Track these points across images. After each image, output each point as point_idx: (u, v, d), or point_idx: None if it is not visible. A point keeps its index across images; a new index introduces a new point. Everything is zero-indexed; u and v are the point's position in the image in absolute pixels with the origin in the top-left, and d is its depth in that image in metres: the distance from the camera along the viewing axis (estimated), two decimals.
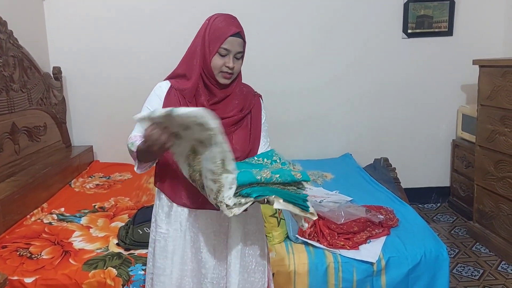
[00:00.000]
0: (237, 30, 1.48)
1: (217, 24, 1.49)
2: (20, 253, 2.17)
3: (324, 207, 2.51)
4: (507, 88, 2.83)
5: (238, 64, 1.53)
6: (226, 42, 1.47)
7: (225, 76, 1.51)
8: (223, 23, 1.49)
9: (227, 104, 1.57)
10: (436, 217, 3.69)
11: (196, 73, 1.52)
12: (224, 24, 1.49)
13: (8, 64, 2.81)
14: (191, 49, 1.56)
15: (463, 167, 3.67)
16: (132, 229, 2.35)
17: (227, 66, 1.49)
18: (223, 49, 1.47)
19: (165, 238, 1.59)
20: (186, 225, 1.56)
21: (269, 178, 1.37)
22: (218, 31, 1.48)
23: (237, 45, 1.49)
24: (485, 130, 3.05)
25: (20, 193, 2.57)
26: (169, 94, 1.57)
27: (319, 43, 3.71)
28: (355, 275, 2.07)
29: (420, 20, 3.68)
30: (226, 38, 1.46)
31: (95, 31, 3.62)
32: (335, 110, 3.83)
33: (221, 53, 1.48)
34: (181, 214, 1.57)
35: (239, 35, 1.49)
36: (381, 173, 3.31)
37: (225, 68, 1.49)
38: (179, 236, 1.57)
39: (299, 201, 1.39)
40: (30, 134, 3.05)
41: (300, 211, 1.39)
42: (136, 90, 3.68)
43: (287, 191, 1.39)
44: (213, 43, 1.48)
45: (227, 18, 1.51)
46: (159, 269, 1.60)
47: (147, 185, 3.23)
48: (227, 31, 1.47)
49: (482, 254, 3.02)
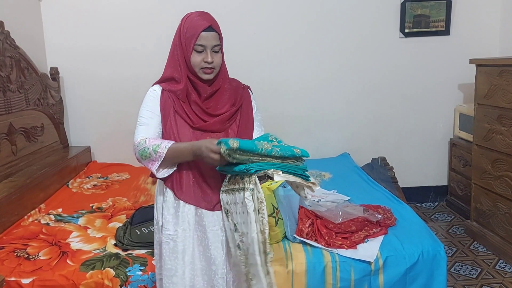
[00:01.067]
0: (208, 24, 1.51)
1: (189, 22, 1.53)
2: (18, 254, 2.17)
3: (321, 206, 2.51)
4: (503, 87, 2.84)
5: (217, 57, 1.56)
6: (200, 38, 1.51)
7: (206, 71, 1.55)
8: (193, 21, 1.53)
9: (218, 99, 1.61)
10: (433, 216, 3.70)
11: (184, 74, 1.56)
12: (195, 21, 1.52)
13: (5, 64, 2.80)
14: (171, 52, 1.60)
15: (461, 166, 3.68)
16: (130, 229, 2.35)
17: (206, 61, 1.52)
18: (198, 46, 1.52)
19: (173, 239, 1.60)
20: (194, 224, 1.59)
21: (270, 150, 1.41)
22: (190, 30, 1.52)
23: (212, 39, 1.53)
24: (482, 129, 3.06)
25: (18, 193, 2.57)
26: (163, 96, 1.60)
27: (316, 42, 3.72)
28: (353, 274, 2.07)
29: (417, 20, 3.69)
30: (198, 34, 1.50)
31: (93, 32, 3.62)
32: (333, 109, 3.83)
33: (197, 49, 1.52)
34: (188, 213, 1.59)
35: (211, 29, 1.52)
36: (379, 172, 3.31)
37: (204, 64, 1.53)
38: (188, 235, 1.59)
39: (299, 171, 1.44)
40: (27, 134, 3.04)
41: (301, 180, 1.43)
42: (133, 91, 3.68)
43: (286, 164, 1.43)
44: (188, 42, 1.52)
45: (198, 14, 1.55)
46: (170, 271, 1.61)
47: (145, 186, 3.23)
48: (198, 27, 1.51)
49: (480, 253, 3.03)
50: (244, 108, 1.66)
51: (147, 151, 1.52)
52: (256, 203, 1.41)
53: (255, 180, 1.42)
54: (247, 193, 1.40)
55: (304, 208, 2.41)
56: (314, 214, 2.37)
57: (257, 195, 1.41)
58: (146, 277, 1.99)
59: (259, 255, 1.44)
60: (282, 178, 1.40)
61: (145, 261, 2.08)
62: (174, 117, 1.59)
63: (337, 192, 2.94)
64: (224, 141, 1.39)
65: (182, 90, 1.57)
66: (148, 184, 3.26)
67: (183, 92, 1.57)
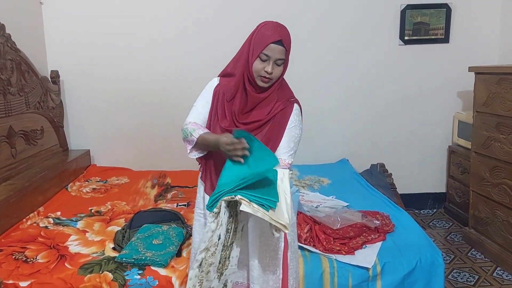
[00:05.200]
0: (279, 38, 1.57)
1: (263, 31, 1.60)
2: (16, 257, 2.17)
3: (320, 212, 2.52)
4: (502, 95, 2.85)
5: (278, 70, 1.61)
6: (267, 48, 1.57)
7: (263, 80, 1.61)
8: (268, 31, 1.59)
9: (259, 108, 1.67)
10: (432, 223, 3.70)
11: (239, 73, 1.64)
12: (269, 31, 1.59)
13: (5, 67, 2.81)
14: (239, 52, 1.68)
15: (459, 173, 3.69)
16: (129, 233, 2.35)
17: (266, 71, 1.58)
18: (263, 55, 1.58)
19: (204, 216, 1.80)
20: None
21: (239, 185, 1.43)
22: (262, 38, 1.58)
23: (278, 52, 1.58)
24: (481, 136, 3.07)
25: (16, 196, 2.57)
26: (216, 89, 1.72)
27: (316, 49, 3.73)
28: (350, 280, 2.07)
29: (416, 27, 3.71)
30: (267, 44, 1.57)
31: (93, 35, 3.63)
32: (332, 115, 3.84)
33: (262, 58, 1.58)
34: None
35: (280, 43, 1.58)
36: (378, 178, 3.32)
37: (263, 73, 1.59)
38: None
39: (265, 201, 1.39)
40: (27, 137, 3.05)
41: (269, 218, 1.37)
42: (133, 95, 3.70)
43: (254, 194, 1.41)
44: (256, 48, 1.59)
45: (273, 26, 1.62)
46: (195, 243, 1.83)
47: (144, 190, 3.24)
48: (269, 38, 1.57)
49: (478, 260, 3.03)
50: (277, 120, 1.67)
51: (186, 132, 1.68)
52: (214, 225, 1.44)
53: (221, 205, 1.43)
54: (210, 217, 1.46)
55: (303, 213, 2.41)
56: (313, 219, 2.38)
57: (220, 219, 1.44)
58: (144, 281, 1.99)
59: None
60: (250, 210, 1.37)
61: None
62: (216, 113, 1.70)
63: (335, 198, 2.95)
64: (239, 134, 1.46)
65: (232, 91, 1.65)
66: (147, 188, 3.26)
67: (232, 94, 1.66)
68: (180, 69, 3.68)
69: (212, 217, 1.44)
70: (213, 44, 3.62)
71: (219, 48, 3.32)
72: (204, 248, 1.43)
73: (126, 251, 2.13)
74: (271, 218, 1.38)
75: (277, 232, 1.43)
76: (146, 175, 3.48)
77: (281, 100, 1.69)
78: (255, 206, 1.37)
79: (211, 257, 1.42)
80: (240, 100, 1.65)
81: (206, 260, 1.42)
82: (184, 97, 3.74)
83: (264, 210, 1.37)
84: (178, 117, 3.83)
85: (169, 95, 3.70)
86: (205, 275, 1.43)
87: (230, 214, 1.45)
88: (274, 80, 1.63)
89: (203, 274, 1.43)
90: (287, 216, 1.41)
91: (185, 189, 3.20)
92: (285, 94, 1.72)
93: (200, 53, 3.66)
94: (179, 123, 1.74)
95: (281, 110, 1.67)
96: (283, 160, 1.63)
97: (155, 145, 3.78)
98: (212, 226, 1.43)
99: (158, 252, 2.11)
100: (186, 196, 3.07)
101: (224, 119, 1.68)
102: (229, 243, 1.49)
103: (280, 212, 1.41)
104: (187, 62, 3.68)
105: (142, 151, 3.80)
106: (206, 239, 1.44)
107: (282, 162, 1.62)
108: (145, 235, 2.26)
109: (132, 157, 3.79)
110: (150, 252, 2.11)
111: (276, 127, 1.67)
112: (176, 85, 3.69)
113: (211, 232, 1.43)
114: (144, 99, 3.71)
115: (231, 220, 1.47)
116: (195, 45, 3.66)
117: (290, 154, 1.67)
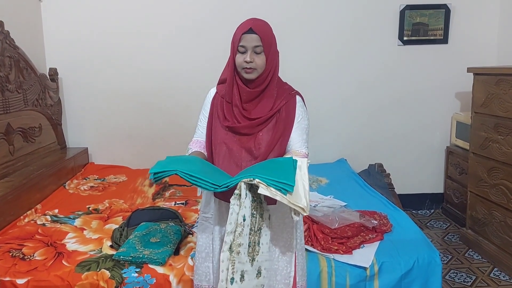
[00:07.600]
0: (248, 27, 1.61)
1: (237, 28, 1.65)
2: (13, 254, 2.16)
3: (318, 211, 2.52)
4: (500, 96, 2.86)
5: (259, 58, 1.63)
6: (241, 40, 1.61)
7: (247, 71, 1.63)
8: (240, 26, 1.64)
9: (260, 104, 1.68)
10: (429, 223, 3.71)
11: (230, 74, 1.67)
12: (241, 26, 1.64)
13: (4, 64, 2.81)
14: (228, 58, 1.72)
15: (457, 174, 3.69)
16: (127, 231, 2.35)
17: (245, 61, 1.60)
18: (240, 47, 1.61)
19: (207, 220, 1.80)
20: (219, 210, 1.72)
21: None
22: (236, 34, 1.64)
23: (252, 40, 1.61)
24: (479, 137, 3.08)
25: (14, 194, 2.57)
26: (215, 99, 1.74)
27: (315, 49, 3.73)
28: (348, 279, 2.07)
29: (415, 28, 3.71)
30: (240, 36, 1.60)
31: (92, 33, 3.63)
32: (330, 115, 3.84)
33: (240, 50, 1.62)
34: (217, 202, 1.73)
35: (251, 31, 1.60)
36: (376, 178, 3.32)
37: (244, 64, 1.61)
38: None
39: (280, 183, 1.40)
40: (25, 135, 3.04)
41: (288, 202, 1.40)
42: (132, 93, 3.69)
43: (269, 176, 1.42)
44: (234, 44, 1.64)
45: (245, 21, 1.65)
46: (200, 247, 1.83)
47: (142, 188, 3.23)
48: (240, 30, 1.62)
49: (475, 261, 3.03)
50: (283, 114, 1.68)
51: (187, 151, 1.75)
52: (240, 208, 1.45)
53: (241, 186, 1.44)
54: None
55: None
56: (311, 219, 2.38)
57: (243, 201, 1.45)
58: (142, 279, 1.99)
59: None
60: (268, 193, 1.39)
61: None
62: (217, 117, 1.72)
63: (333, 197, 2.95)
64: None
65: (228, 92, 1.67)
66: (145, 186, 3.26)
67: (229, 95, 1.67)
68: (178, 68, 3.68)
69: (234, 199, 1.44)
70: (211, 44, 3.62)
71: (218, 48, 3.31)
72: (231, 230, 1.44)
73: (124, 249, 2.13)
74: (289, 202, 1.40)
75: (296, 216, 1.43)
76: (144, 173, 3.48)
77: (282, 95, 1.70)
78: (273, 190, 1.39)
79: (239, 237, 1.44)
80: (238, 97, 1.67)
81: (234, 241, 1.44)
82: (182, 96, 3.77)
83: (282, 194, 1.40)
84: (176, 115, 3.88)
85: (167, 94, 3.70)
86: (236, 256, 1.45)
87: (253, 199, 1.46)
88: (259, 69, 1.63)
89: (234, 255, 1.45)
90: (304, 200, 1.43)
91: (183, 187, 3.20)
92: (285, 90, 1.74)
93: (198, 52, 3.66)
94: (177, 122, 1.74)
95: (285, 104, 1.69)
96: (301, 152, 1.66)
97: (153, 143, 3.78)
98: (236, 209, 1.44)
99: (155, 250, 2.11)
100: (184, 195, 3.07)
101: (226, 119, 1.69)
102: (257, 228, 1.50)
103: (298, 196, 1.43)
104: (185, 61, 3.68)
105: (140, 149, 3.79)
106: (232, 221, 1.44)
107: (300, 153, 1.65)
108: (143, 233, 2.26)
109: (130, 155, 3.79)
110: (148, 250, 2.11)
111: (283, 122, 1.68)
112: (174, 84, 3.69)
113: (235, 214, 1.44)
114: (143, 98, 3.70)
115: (255, 205, 1.48)
116: (194, 45, 3.66)
117: (306, 145, 1.70)
